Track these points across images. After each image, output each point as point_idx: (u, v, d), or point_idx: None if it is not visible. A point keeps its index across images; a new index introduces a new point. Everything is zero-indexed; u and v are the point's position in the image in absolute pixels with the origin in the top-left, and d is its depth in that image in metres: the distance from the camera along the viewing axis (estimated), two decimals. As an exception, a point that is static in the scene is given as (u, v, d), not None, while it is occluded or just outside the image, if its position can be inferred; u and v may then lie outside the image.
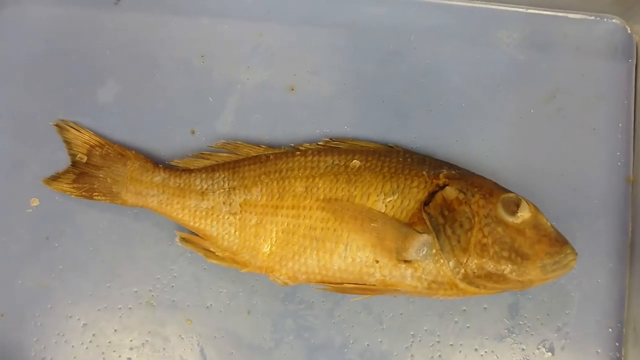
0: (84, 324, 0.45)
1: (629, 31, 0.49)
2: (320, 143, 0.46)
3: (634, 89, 0.48)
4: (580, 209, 0.47)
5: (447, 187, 0.40)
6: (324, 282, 0.42)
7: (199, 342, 0.45)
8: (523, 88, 0.48)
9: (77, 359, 0.45)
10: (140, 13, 0.49)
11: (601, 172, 0.47)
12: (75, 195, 0.45)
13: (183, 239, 0.44)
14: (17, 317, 0.45)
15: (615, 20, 0.49)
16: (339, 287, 0.41)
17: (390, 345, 0.45)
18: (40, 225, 0.46)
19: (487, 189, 0.41)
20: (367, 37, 0.49)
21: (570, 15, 0.49)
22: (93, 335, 0.45)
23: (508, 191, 0.41)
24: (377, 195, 0.41)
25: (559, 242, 0.39)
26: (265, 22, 0.49)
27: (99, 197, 0.45)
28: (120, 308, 0.46)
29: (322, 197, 0.42)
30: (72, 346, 0.45)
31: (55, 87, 0.48)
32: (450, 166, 0.43)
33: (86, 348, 0.45)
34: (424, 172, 0.42)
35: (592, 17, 0.49)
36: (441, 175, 0.41)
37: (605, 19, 0.49)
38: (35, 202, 0.47)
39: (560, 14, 0.49)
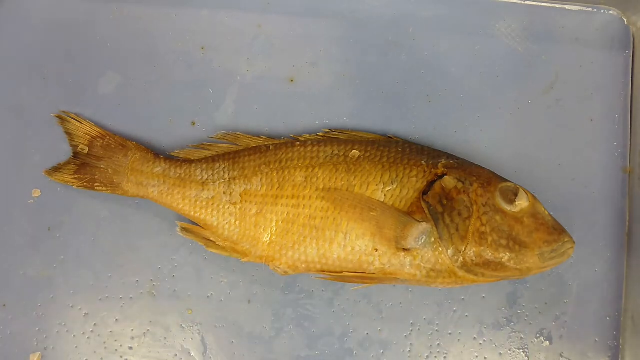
0: (85, 313, 0.46)
1: (626, 22, 0.49)
2: (320, 134, 0.46)
3: (630, 80, 0.49)
4: (578, 199, 0.47)
5: (445, 177, 0.41)
6: (323, 271, 0.42)
7: (199, 331, 0.45)
8: (521, 79, 0.49)
9: (79, 349, 0.45)
10: (140, 5, 0.49)
11: (599, 162, 0.48)
12: (77, 186, 0.45)
13: (184, 229, 0.44)
14: (19, 307, 0.46)
15: (613, 12, 0.50)
16: (339, 276, 0.42)
17: (389, 334, 0.45)
18: (41, 216, 0.47)
19: (486, 178, 0.41)
20: (367, 28, 0.49)
21: (568, 7, 0.50)
22: (94, 324, 0.45)
23: (506, 180, 0.41)
24: (377, 185, 0.41)
25: (556, 231, 0.39)
26: (265, 14, 0.49)
27: (100, 188, 0.45)
28: (121, 298, 0.46)
29: (321, 186, 0.42)
30: (74, 335, 0.45)
31: (57, 78, 0.49)
32: (449, 156, 0.43)
33: (88, 338, 0.45)
34: (423, 162, 0.42)
35: (590, 9, 0.50)
36: (440, 165, 0.42)
37: (602, 11, 0.50)
38: (37, 193, 0.47)
39: (558, 6, 0.50)
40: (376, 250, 0.41)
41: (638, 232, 0.46)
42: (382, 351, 0.45)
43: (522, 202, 0.39)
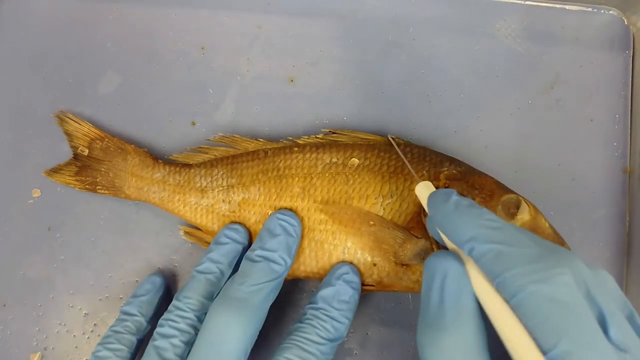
0: (85, 313, 0.46)
1: (626, 22, 0.49)
2: (320, 136, 0.45)
3: (630, 80, 0.49)
4: (578, 199, 0.47)
5: None
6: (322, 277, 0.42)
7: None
8: (521, 79, 0.49)
9: (79, 349, 0.45)
10: (140, 5, 0.49)
11: (599, 162, 0.48)
12: (79, 188, 0.45)
13: (187, 233, 0.45)
14: (19, 307, 0.46)
15: (613, 12, 0.50)
16: None
17: (390, 334, 0.45)
18: (41, 216, 0.47)
19: (488, 190, 0.40)
20: (366, 28, 0.49)
21: (568, 7, 0.50)
22: (94, 325, 0.46)
23: (509, 191, 0.40)
24: (375, 198, 0.41)
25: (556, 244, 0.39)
26: (265, 14, 0.49)
27: (103, 191, 0.45)
28: (121, 298, 0.46)
29: (319, 198, 0.41)
30: (74, 336, 0.45)
31: (57, 78, 0.49)
32: (452, 162, 0.43)
33: (88, 338, 0.45)
34: (425, 172, 0.41)
35: (590, 9, 0.50)
36: (442, 177, 0.41)
37: (602, 11, 0.50)
38: (36, 193, 0.47)
39: (558, 6, 0.50)
40: (375, 264, 0.41)
41: (638, 232, 0.46)
42: (382, 351, 0.45)
43: (524, 216, 0.39)
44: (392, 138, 0.44)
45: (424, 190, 0.37)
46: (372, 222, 0.40)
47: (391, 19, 0.49)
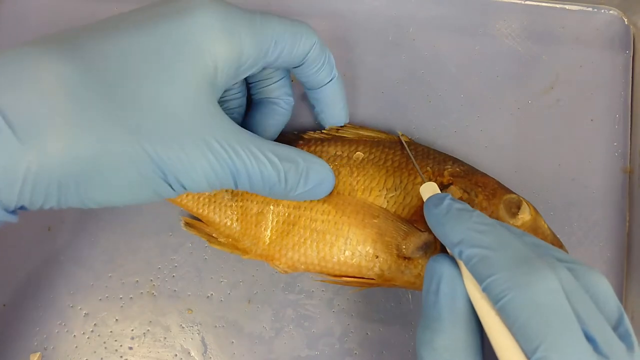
0: (85, 313, 0.46)
1: (626, 22, 0.49)
2: (325, 130, 0.45)
3: (630, 80, 0.49)
4: (578, 199, 0.47)
5: (451, 186, 0.40)
6: (322, 273, 0.42)
7: (199, 331, 0.45)
8: (521, 79, 0.49)
9: (79, 348, 0.45)
10: (141, 5, 0.49)
11: (599, 162, 0.48)
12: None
13: (187, 224, 0.45)
14: (19, 308, 0.46)
15: (613, 12, 0.50)
16: (338, 280, 0.42)
17: (390, 334, 0.45)
18: (41, 216, 0.47)
19: (491, 189, 0.41)
20: (367, 28, 0.49)
21: (568, 7, 0.50)
22: (94, 324, 0.45)
23: (510, 192, 0.41)
24: (379, 191, 0.41)
25: (554, 245, 0.39)
26: (265, 14, 0.49)
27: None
28: (121, 298, 0.46)
29: None
30: (74, 336, 0.45)
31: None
32: (454, 161, 0.43)
33: (88, 338, 0.45)
34: (429, 168, 0.42)
35: (590, 9, 0.50)
36: (446, 173, 0.41)
37: (602, 11, 0.50)
38: (36, 193, 0.47)
39: (558, 6, 0.50)
40: (377, 257, 0.41)
41: (638, 232, 0.46)
42: (382, 351, 0.45)
43: (524, 216, 0.39)
44: (401, 135, 0.44)
45: (427, 191, 0.37)
46: (375, 214, 0.40)
47: (391, 19, 0.49)
